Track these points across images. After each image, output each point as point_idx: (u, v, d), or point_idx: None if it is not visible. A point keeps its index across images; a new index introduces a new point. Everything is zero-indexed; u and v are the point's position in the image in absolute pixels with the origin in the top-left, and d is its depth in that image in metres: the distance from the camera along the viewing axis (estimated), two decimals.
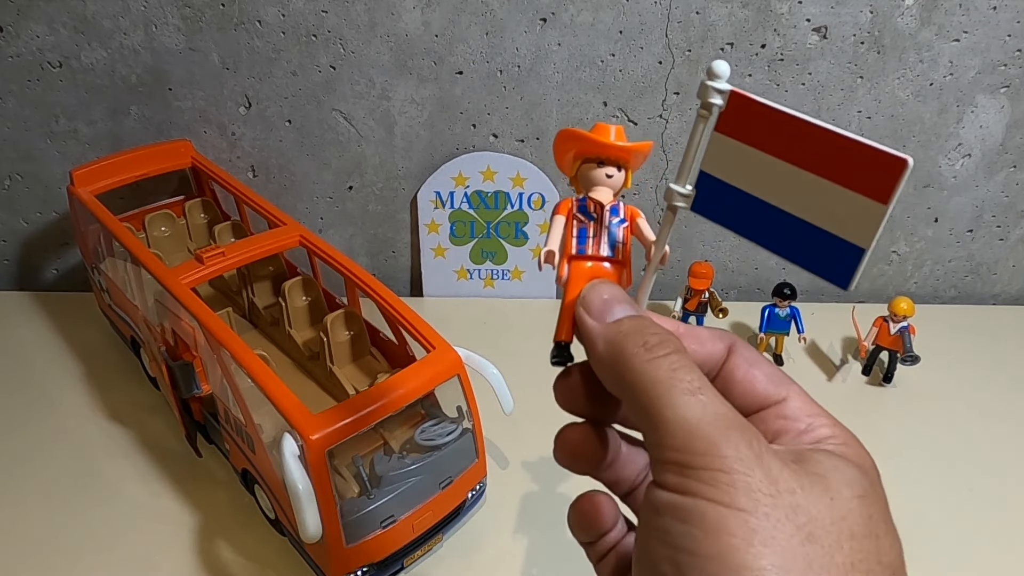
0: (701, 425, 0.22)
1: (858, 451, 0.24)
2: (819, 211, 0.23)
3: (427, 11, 0.78)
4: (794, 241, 0.24)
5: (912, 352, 0.77)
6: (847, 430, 0.25)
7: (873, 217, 0.22)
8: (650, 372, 0.23)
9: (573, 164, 0.30)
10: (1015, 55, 0.80)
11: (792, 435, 0.25)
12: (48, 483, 0.66)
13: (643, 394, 0.23)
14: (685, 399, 0.22)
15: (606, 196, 0.29)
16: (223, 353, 0.56)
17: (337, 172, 0.88)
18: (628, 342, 0.24)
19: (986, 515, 0.66)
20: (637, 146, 0.29)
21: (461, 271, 0.92)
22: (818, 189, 0.23)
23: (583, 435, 0.28)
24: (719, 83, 0.25)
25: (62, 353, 0.81)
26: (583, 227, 0.29)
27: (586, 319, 0.26)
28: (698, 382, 0.23)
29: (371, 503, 0.53)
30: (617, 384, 0.25)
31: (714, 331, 0.28)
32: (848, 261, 0.23)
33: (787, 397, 0.26)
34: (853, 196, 0.22)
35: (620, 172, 0.29)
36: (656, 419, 0.23)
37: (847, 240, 0.23)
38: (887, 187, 0.22)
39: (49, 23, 0.79)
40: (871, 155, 0.22)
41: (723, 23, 0.78)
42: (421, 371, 0.56)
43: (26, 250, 0.93)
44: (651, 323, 0.26)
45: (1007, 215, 0.91)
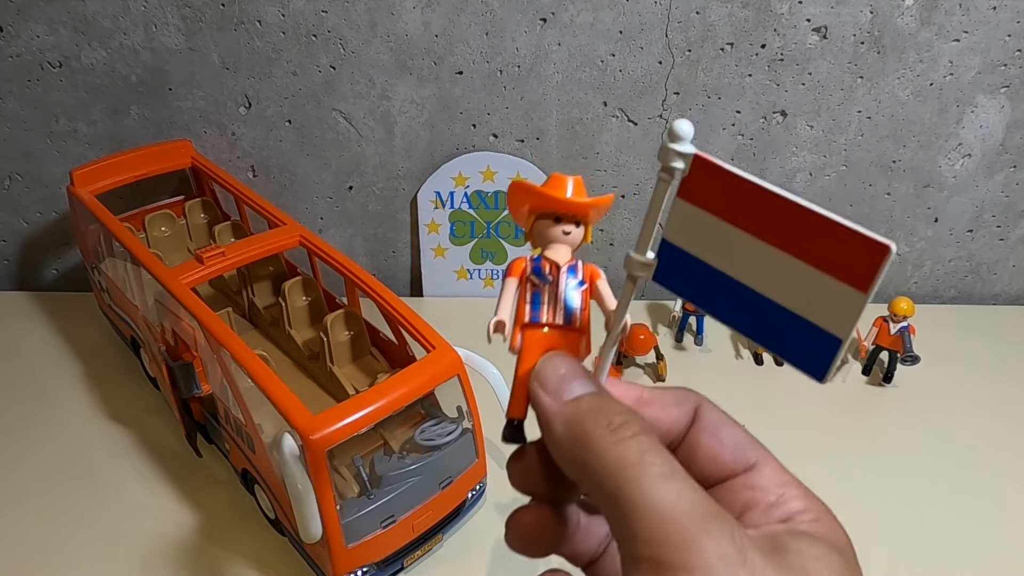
0: (676, 515, 0.20)
1: (833, 528, 0.23)
2: (791, 293, 0.21)
3: (427, 11, 0.78)
4: (764, 323, 0.22)
5: (912, 352, 0.77)
6: (820, 502, 0.23)
7: (851, 305, 0.20)
8: (616, 456, 0.21)
9: (528, 219, 0.27)
10: (1015, 55, 0.80)
11: (762, 508, 0.23)
12: (48, 483, 0.66)
13: (609, 480, 0.21)
14: (657, 485, 0.20)
15: (563, 255, 0.27)
16: (223, 353, 0.56)
17: (337, 172, 0.88)
18: (590, 422, 0.22)
19: (986, 515, 0.66)
20: (595, 201, 0.26)
21: (461, 271, 0.92)
22: (790, 269, 0.21)
23: (538, 518, 0.26)
24: (681, 145, 0.22)
25: (62, 353, 0.81)
26: (537, 291, 0.27)
27: (541, 396, 0.24)
28: (669, 466, 0.21)
29: (371, 503, 0.53)
30: (578, 469, 0.22)
31: (679, 392, 0.26)
32: (823, 350, 0.21)
33: (756, 464, 0.24)
34: (828, 280, 0.20)
35: (579, 228, 0.27)
36: (625, 508, 0.20)
37: (822, 328, 0.21)
38: (867, 274, 0.20)
39: (49, 23, 0.78)
40: (850, 238, 0.20)
41: (723, 23, 0.78)
42: (421, 371, 0.56)
43: (26, 250, 0.93)
44: (613, 401, 0.24)
45: (1007, 215, 0.91)
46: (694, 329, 0.85)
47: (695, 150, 0.22)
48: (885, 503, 0.66)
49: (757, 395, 0.77)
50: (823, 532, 0.22)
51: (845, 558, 0.22)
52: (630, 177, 0.87)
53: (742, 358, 0.84)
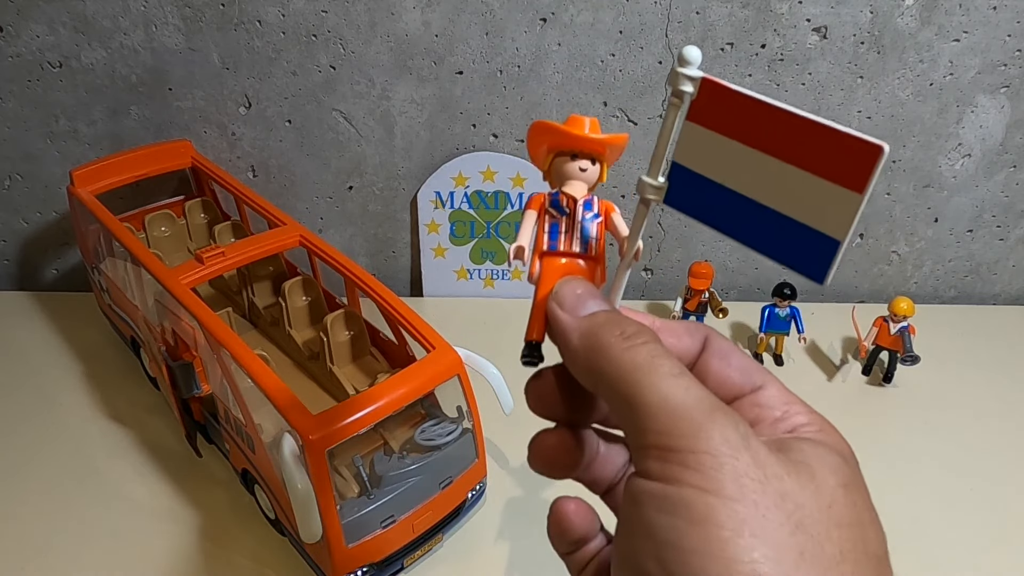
0: (685, 407, 0.21)
1: (836, 438, 0.24)
2: (793, 202, 0.22)
3: (427, 11, 0.78)
4: (768, 234, 0.23)
5: (912, 352, 0.77)
6: (822, 417, 0.25)
7: (848, 207, 0.21)
8: (629, 359, 0.23)
9: (546, 158, 0.29)
10: (1015, 55, 0.80)
11: (768, 423, 0.24)
12: (48, 483, 0.66)
13: (622, 381, 0.22)
14: (667, 382, 0.22)
15: (579, 190, 0.28)
16: (223, 353, 0.56)
17: (337, 172, 0.88)
18: (604, 332, 0.24)
19: (986, 515, 0.66)
20: (611, 138, 0.28)
21: (461, 271, 0.92)
22: (792, 179, 0.22)
23: (558, 440, 0.27)
24: (690, 69, 0.24)
25: (62, 353, 0.81)
26: (555, 222, 0.28)
27: (559, 313, 0.26)
28: (678, 368, 0.22)
29: (371, 503, 0.53)
30: (593, 376, 0.24)
31: (689, 324, 0.27)
32: (823, 254, 0.22)
33: (762, 386, 0.25)
34: (828, 185, 0.21)
35: (595, 166, 0.28)
36: (637, 404, 0.22)
37: (822, 232, 0.22)
38: (862, 175, 0.21)
39: (49, 23, 0.79)
40: (845, 142, 0.21)
41: (723, 23, 0.78)
42: (421, 371, 0.56)
43: (26, 250, 0.93)
44: (625, 316, 0.25)
45: (1007, 215, 0.91)
46: None
47: (703, 73, 0.24)
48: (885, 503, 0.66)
49: None
50: (826, 440, 0.23)
51: (848, 463, 0.23)
52: (630, 177, 0.87)
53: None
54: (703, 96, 0.24)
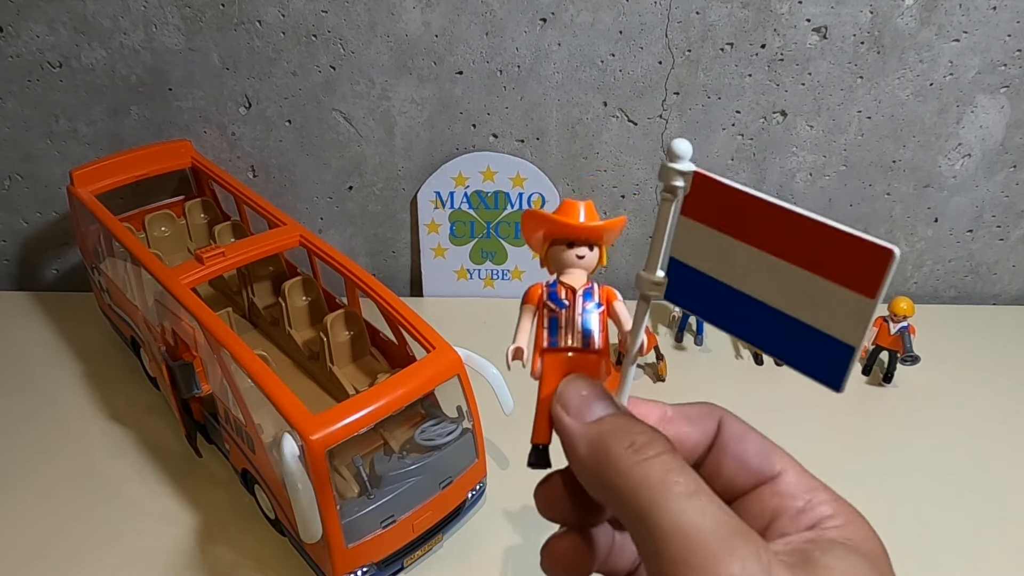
0: (701, 534, 0.20)
1: (865, 533, 0.22)
2: (800, 304, 0.21)
3: (427, 11, 0.78)
4: (777, 336, 0.22)
5: (912, 352, 0.77)
6: (849, 506, 0.23)
7: (860, 312, 0.20)
8: (640, 475, 0.21)
9: (542, 245, 0.28)
10: (1015, 55, 0.80)
11: (790, 515, 0.23)
12: (48, 483, 0.66)
13: (633, 500, 0.21)
14: (681, 504, 0.20)
15: (578, 279, 0.27)
16: (223, 353, 0.56)
17: (337, 172, 0.88)
18: (613, 443, 0.23)
19: (986, 515, 0.66)
20: (609, 224, 0.27)
21: (461, 271, 0.92)
22: (797, 280, 0.21)
23: (571, 545, 0.26)
24: (680, 164, 0.23)
25: (62, 353, 0.81)
26: (554, 316, 0.27)
27: (564, 419, 0.24)
28: (694, 484, 0.21)
29: (371, 503, 0.53)
30: (602, 490, 0.23)
31: (702, 407, 0.26)
32: (837, 360, 0.21)
33: (782, 472, 0.24)
34: (837, 289, 0.20)
35: (593, 251, 0.27)
36: (650, 527, 0.20)
37: (834, 336, 0.21)
38: (874, 280, 0.20)
39: (49, 23, 0.79)
40: (853, 245, 0.20)
41: (723, 23, 0.78)
42: (421, 371, 0.56)
43: (26, 250, 0.93)
44: (636, 421, 0.24)
45: (1007, 215, 0.91)
46: (694, 329, 0.85)
47: (694, 168, 0.23)
48: (885, 503, 0.66)
49: (757, 395, 0.77)
50: (853, 538, 0.22)
51: (877, 566, 0.21)
52: (630, 177, 0.87)
53: (742, 358, 0.84)
54: (696, 191, 0.23)
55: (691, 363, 0.82)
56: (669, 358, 0.80)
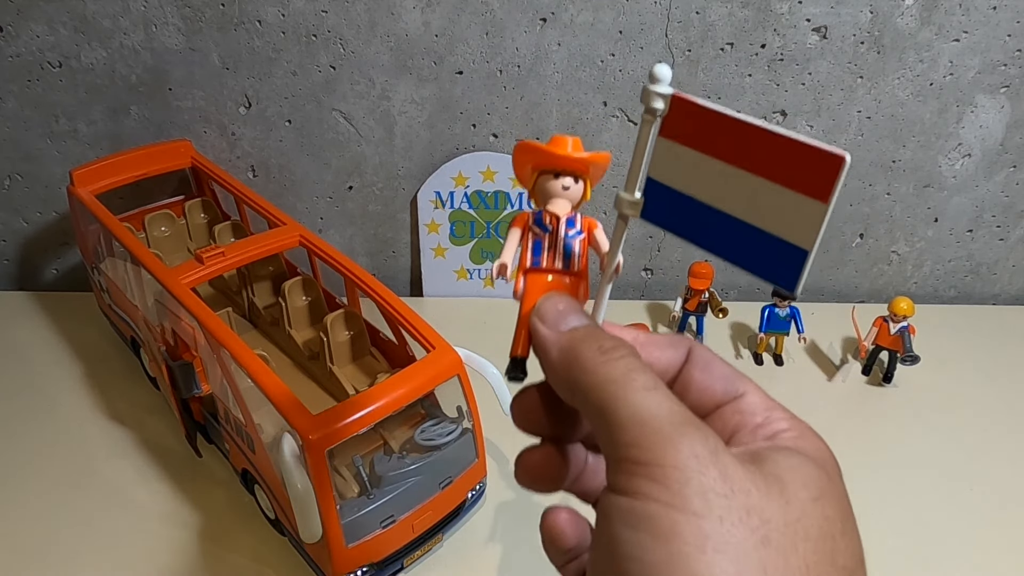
0: (655, 420, 0.21)
1: (816, 444, 0.24)
2: (762, 213, 0.23)
3: (427, 11, 0.78)
4: (740, 245, 0.24)
5: (912, 352, 0.77)
6: (804, 423, 0.25)
7: (814, 217, 0.22)
8: (604, 372, 0.23)
9: (530, 177, 0.29)
10: (1015, 55, 0.80)
11: (748, 429, 0.25)
12: (48, 483, 0.66)
13: (596, 394, 0.23)
14: (639, 395, 0.22)
15: (563, 208, 0.28)
16: (223, 353, 0.56)
17: (337, 172, 0.88)
18: (583, 346, 0.24)
19: (986, 515, 0.66)
20: (594, 156, 0.28)
21: (461, 271, 0.92)
22: (760, 190, 0.23)
23: (544, 456, 0.28)
24: (660, 87, 0.25)
25: (62, 353, 0.81)
26: (538, 239, 0.29)
27: (540, 328, 0.26)
28: (652, 382, 0.23)
29: (371, 503, 0.53)
30: (571, 389, 0.24)
31: (673, 337, 0.28)
32: (793, 264, 0.23)
33: (744, 393, 0.26)
34: (794, 196, 0.22)
35: (578, 184, 0.28)
36: (610, 417, 0.22)
37: (790, 242, 0.23)
38: (826, 185, 0.21)
39: (49, 23, 0.79)
40: (808, 153, 0.21)
41: (723, 23, 0.78)
42: (421, 371, 0.56)
43: (26, 250, 0.93)
44: (605, 331, 0.25)
45: (1007, 215, 0.91)
46: (694, 328, 0.85)
47: (673, 90, 0.24)
48: (885, 503, 0.66)
49: None
50: (804, 447, 0.23)
51: (823, 468, 0.23)
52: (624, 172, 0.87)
53: (742, 358, 0.84)
54: (674, 112, 0.25)
55: None
56: None
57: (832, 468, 0.23)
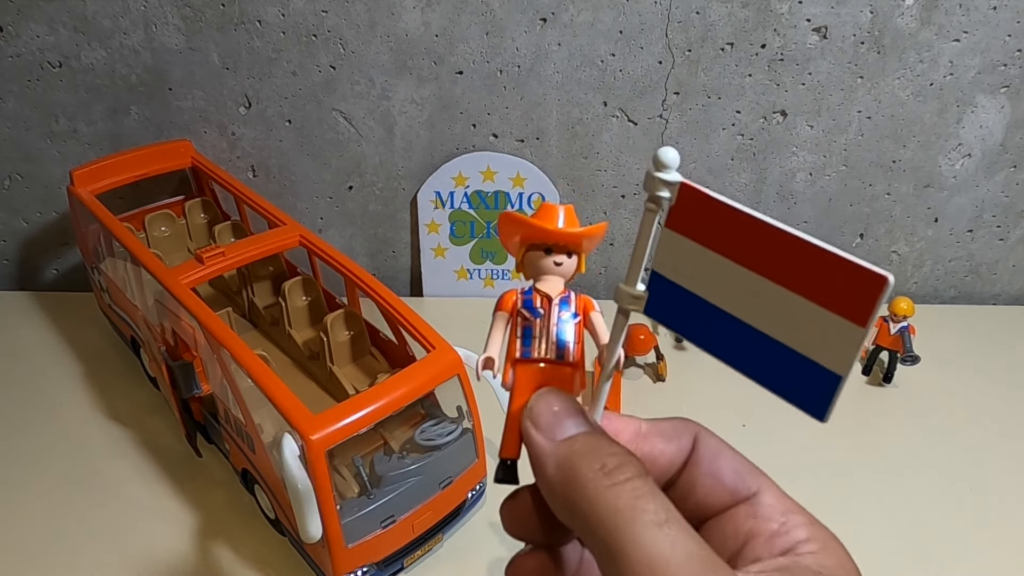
0: (671, 567, 0.19)
1: (840, 559, 0.22)
2: (786, 328, 0.20)
3: (427, 11, 0.78)
4: (760, 360, 0.21)
5: (912, 352, 0.77)
6: (824, 529, 0.23)
7: (849, 340, 0.19)
8: (609, 501, 0.20)
9: (519, 249, 0.27)
10: (1015, 55, 0.80)
11: (764, 538, 0.22)
12: (48, 483, 0.66)
13: (601, 527, 0.20)
14: (651, 534, 0.20)
15: (555, 287, 0.26)
16: (223, 353, 0.56)
17: (337, 172, 0.88)
18: (583, 465, 0.22)
19: (986, 515, 0.66)
20: (588, 231, 0.26)
21: (461, 271, 0.92)
22: (784, 302, 0.20)
23: (538, 564, 0.25)
24: (667, 174, 0.22)
25: (62, 353, 0.81)
26: (528, 326, 0.26)
27: (534, 435, 0.23)
28: (664, 512, 0.20)
29: (371, 503, 0.53)
30: (570, 513, 0.22)
31: (677, 423, 0.25)
32: (823, 388, 0.20)
33: (757, 492, 0.24)
34: (826, 314, 0.19)
35: (571, 258, 0.26)
36: (618, 558, 0.20)
37: (820, 364, 0.20)
38: (865, 307, 0.18)
39: (49, 23, 0.79)
40: (846, 269, 0.19)
41: (723, 23, 0.78)
42: (421, 371, 0.56)
43: (26, 250, 0.93)
44: (609, 441, 0.23)
45: (1007, 215, 0.91)
46: None
47: (681, 178, 0.22)
48: (885, 503, 0.66)
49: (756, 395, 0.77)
50: (828, 565, 0.21)
51: None
52: (630, 177, 0.87)
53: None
54: (682, 203, 0.22)
55: (691, 363, 0.82)
56: (669, 358, 0.80)
57: None
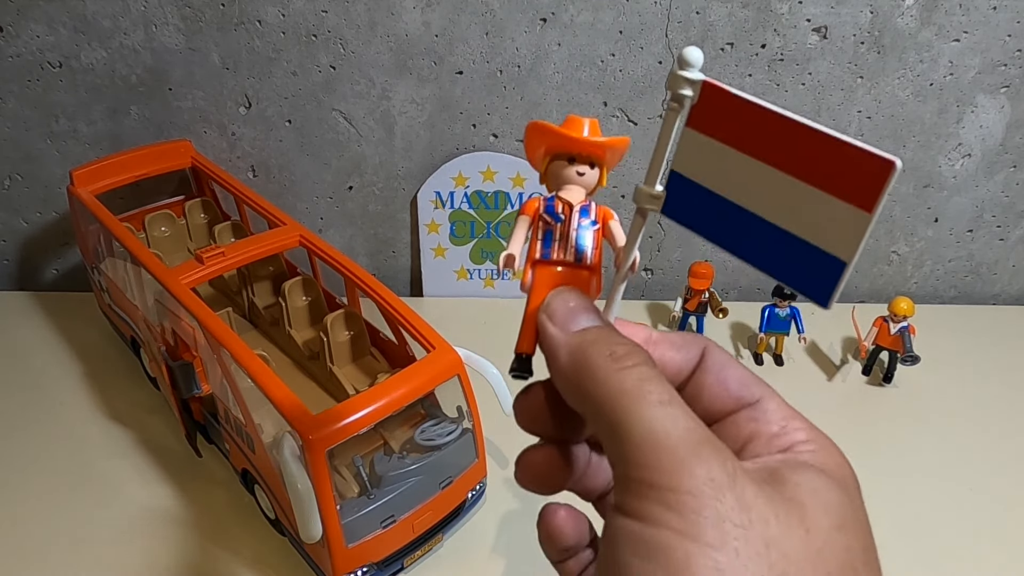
0: (670, 439, 0.20)
1: (837, 460, 0.23)
2: (798, 218, 0.21)
3: (427, 11, 0.78)
4: (770, 251, 0.22)
5: (912, 352, 0.77)
6: (823, 435, 0.24)
7: (856, 227, 0.20)
8: (616, 383, 0.22)
9: (543, 160, 0.27)
10: (1015, 55, 0.80)
11: (764, 439, 0.23)
12: (48, 483, 0.66)
13: (607, 406, 0.21)
14: (653, 411, 0.21)
15: (576, 196, 0.27)
16: (223, 353, 0.56)
17: (337, 172, 0.88)
18: (593, 351, 0.23)
19: (986, 515, 0.66)
20: (612, 141, 0.26)
21: (461, 271, 0.92)
22: (797, 193, 0.21)
23: (546, 457, 0.26)
24: (691, 72, 0.22)
25: (62, 353, 0.81)
26: (549, 229, 0.27)
27: (549, 327, 0.24)
28: (667, 394, 0.21)
29: (371, 503, 0.53)
30: (580, 397, 0.23)
31: (687, 336, 0.26)
32: (828, 275, 0.21)
33: (760, 398, 0.25)
34: (835, 202, 0.20)
35: (593, 170, 0.27)
36: (621, 433, 0.21)
37: (827, 251, 0.21)
38: (872, 193, 0.19)
39: (49, 23, 0.79)
40: (855, 156, 0.19)
41: (723, 23, 0.78)
42: (421, 371, 0.56)
43: (26, 250, 0.93)
44: (618, 334, 0.24)
45: (1007, 215, 0.91)
46: (694, 329, 0.85)
47: (704, 76, 0.22)
48: (884, 503, 0.66)
49: None
50: (825, 462, 0.22)
51: (846, 491, 0.22)
52: (630, 177, 0.87)
53: (742, 358, 0.84)
54: (704, 101, 0.22)
55: None
56: None
57: (854, 489, 0.22)
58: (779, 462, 0.22)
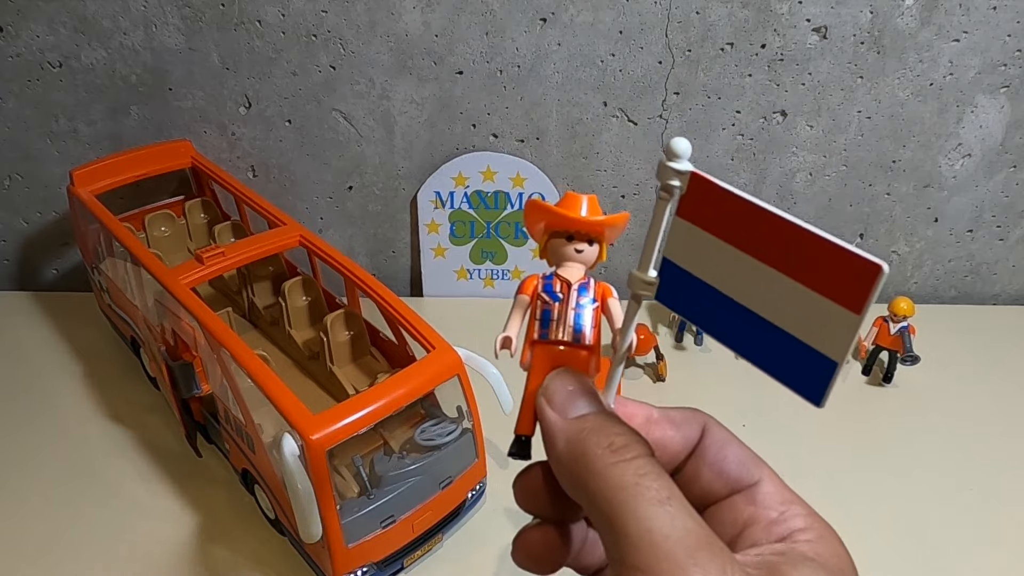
0: (668, 542, 0.20)
1: (835, 549, 0.22)
2: (787, 314, 0.21)
3: (427, 11, 0.78)
4: (761, 345, 0.22)
5: (912, 352, 0.77)
6: (822, 521, 0.23)
7: (846, 327, 0.20)
8: (614, 477, 0.21)
9: (542, 236, 0.27)
10: (1015, 55, 0.80)
11: (763, 525, 0.23)
12: (48, 483, 0.66)
13: (605, 501, 0.21)
14: (652, 510, 0.20)
15: (575, 273, 0.27)
16: (223, 353, 0.56)
17: (337, 172, 0.88)
18: (591, 441, 0.22)
19: (985, 515, 0.66)
20: (610, 219, 0.26)
21: (461, 271, 0.92)
22: (785, 289, 0.21)
23: (544, 538, 0.26)
24: (679, 163, 0.23)
25: (62, 353, 0.81)
26: (547, 309, 0.27)
27: (547, 412, 0.24)
28: (667, 491, 0.21)
29: (371, 503, 0.53)
30: (577, 488, 0.23)
31: (687, 412, 0.26)
32: (820, 374, 0.21)
33: (759, 481, 0.24)
34: (823, 301, 0.20)
35: (592, 246, 0.27)
36: (619, 531, 0.20)
37: (817, 350, 0.20)
38: (860, 295, 0.19)
39: (49, 23, 0.79)
40: (842, 257, 0.19)
41: (723, 23, 0.78)
42: (421, 371, 0.56)
43: (26, 250, 0.93)
44: (618, 422, 0.23)
45: (1007, 215, 0.91)
46: (694, 329, 0.85)
47: (692, 168, 0.23)
48: (885, 503, 0.66)
49: (756, 395, 0.77)
50: (823, 554, 0.22)
51: None
52: (630, 177, 0.87)
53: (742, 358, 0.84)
54: (692, 192, 0.23)
55: (691, 363, 0.82)
56: (669, 358, 0.80)
57: None
58: (777, 554, 0.22)
